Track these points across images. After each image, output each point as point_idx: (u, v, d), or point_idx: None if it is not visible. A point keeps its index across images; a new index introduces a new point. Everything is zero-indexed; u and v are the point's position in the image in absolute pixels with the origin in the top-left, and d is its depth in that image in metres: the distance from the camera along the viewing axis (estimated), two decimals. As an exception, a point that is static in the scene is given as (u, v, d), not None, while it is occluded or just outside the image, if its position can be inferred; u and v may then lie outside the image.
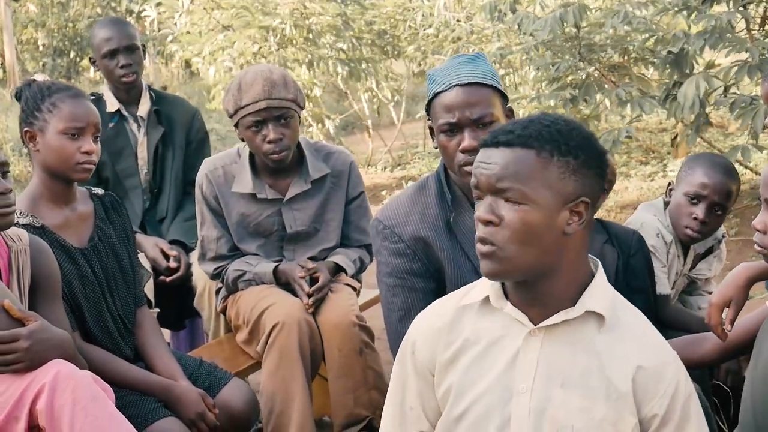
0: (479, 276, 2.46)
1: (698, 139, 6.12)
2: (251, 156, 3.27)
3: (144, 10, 10.51)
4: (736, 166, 5.50)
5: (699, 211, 2.92)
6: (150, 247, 3.55)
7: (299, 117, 3.23)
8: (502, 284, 1.86)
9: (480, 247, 1.77)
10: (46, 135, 2.66)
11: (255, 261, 3.27)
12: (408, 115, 10.67)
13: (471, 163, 2.38)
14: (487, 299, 1.87)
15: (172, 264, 3.56)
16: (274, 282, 3.22)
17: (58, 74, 13.75)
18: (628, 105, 5.76)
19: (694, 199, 2.93)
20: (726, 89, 5.74)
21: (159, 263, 3.55)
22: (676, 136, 8.32)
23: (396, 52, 9.40)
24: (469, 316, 1.90)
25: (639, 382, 1.77)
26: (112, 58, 3.67)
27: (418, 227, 2.52)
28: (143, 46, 3.78)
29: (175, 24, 8.21)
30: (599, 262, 1.89)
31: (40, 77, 2.83)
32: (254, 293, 3.20)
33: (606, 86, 6.21)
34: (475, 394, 1.84)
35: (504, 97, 2.51)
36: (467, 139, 2.41)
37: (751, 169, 6.87)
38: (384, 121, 11.47)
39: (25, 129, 2.70)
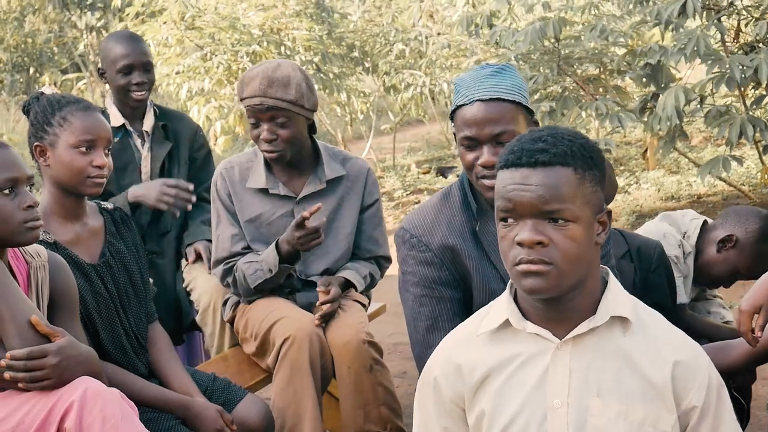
0: (505, 284, 2.47)
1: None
2: None
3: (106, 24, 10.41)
4: (710, 178, 5.60)
5: None
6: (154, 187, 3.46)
7: (306, 118, 3.18)
8: (518, 305, 1.86)
9: (528, 267, 1.74)
10: (57, 149, 2.61)
11: (263, 251, 3.20)
12: (373, 130, 10.69)
13: (489, 177, 2.42)
14: (505, 323, 1.86)
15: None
16: (278, 258, 3.09)
17: (18, 90, 13.53)
18: (606, 119, 5.82)
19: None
20: (702, 100, 5.83)
21: (165, 199, 3.44)
22: (646, 149, 8.46)
23: (366, 68, 9.41)
24: (488, 343, 1.89)
25: (678, 377, 1.78)
26: (127, 74, 3.60)
27: (446, 236, 2.51)
28: (154, 67, 3.76)
29: (148, 44, 8.14)
30: (608, 270, 1.90)
31: (48, 90, 2.78)
32: (263, 306, 3.16)
33: (583, 99, 6.28)
34: (508, 417, 1.84)
35: (529, 111, 2.50)
36: (486, 155, 2.41)
37: (724, 180, 6.97)
38: (349, 136, 11.46)
39: (36, 144, 2.64)
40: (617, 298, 1.83)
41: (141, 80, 3.61)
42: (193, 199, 3.50)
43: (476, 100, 2.41)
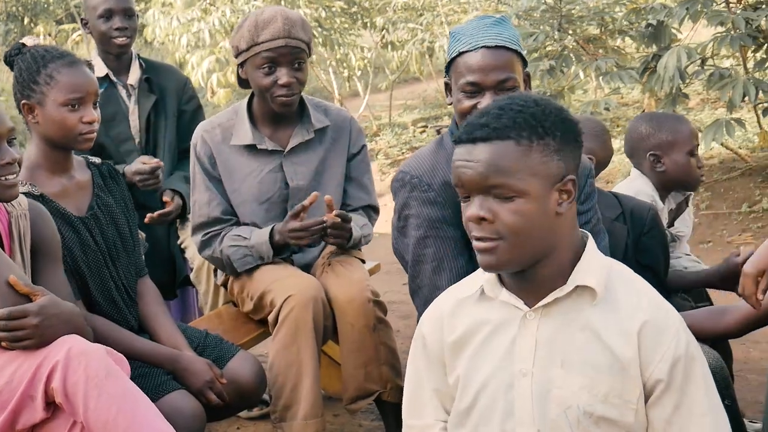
0: None
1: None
2: (249, 108, 3.15)
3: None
4: (712, 143, 5.58)
5: (699, 158, 3.16)
6: (131, 166, 3.36)
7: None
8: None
9: (478, 244, 1.75)
10: (45, 107, 2.56)
11: (248, 232, 3.11)
12: (370, 87, 10.60)
13: None
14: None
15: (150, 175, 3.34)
16: (272, 251, 3.06)
17: (12, 39, 13.40)
18: (608, 77, 5.76)
19: (692, 151, 3.12)
20: (703, 62, 5.77)
21: (141, 170, 3.33)
22: (644, 111, 8.40)
23: (364, 23, 9.31)
24: (468, 307, 1.89)
25: (644, 341, 1.74)
26: (107, 20, 3.51)
27: (447, 174, 2.49)
28: (137, 14, 3.65)
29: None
30: (590, 234, 1.87)
31: (30, 41, 2.70)
32: (263, 269, 3.08)
33: (584, 58, 6.21)
34: (479, 383, 1.84)
35: (524, 62, 2.52)
36: (487, 101, 2.40)
37: (722, 144, 6.91)
38: (346, 93, 11.37)
39: (23, 102, 2.59)
40: (589, 267, 1.80)
41: (122, 25, 3.51)
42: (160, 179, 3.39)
43: (482, 47, 2.43)
